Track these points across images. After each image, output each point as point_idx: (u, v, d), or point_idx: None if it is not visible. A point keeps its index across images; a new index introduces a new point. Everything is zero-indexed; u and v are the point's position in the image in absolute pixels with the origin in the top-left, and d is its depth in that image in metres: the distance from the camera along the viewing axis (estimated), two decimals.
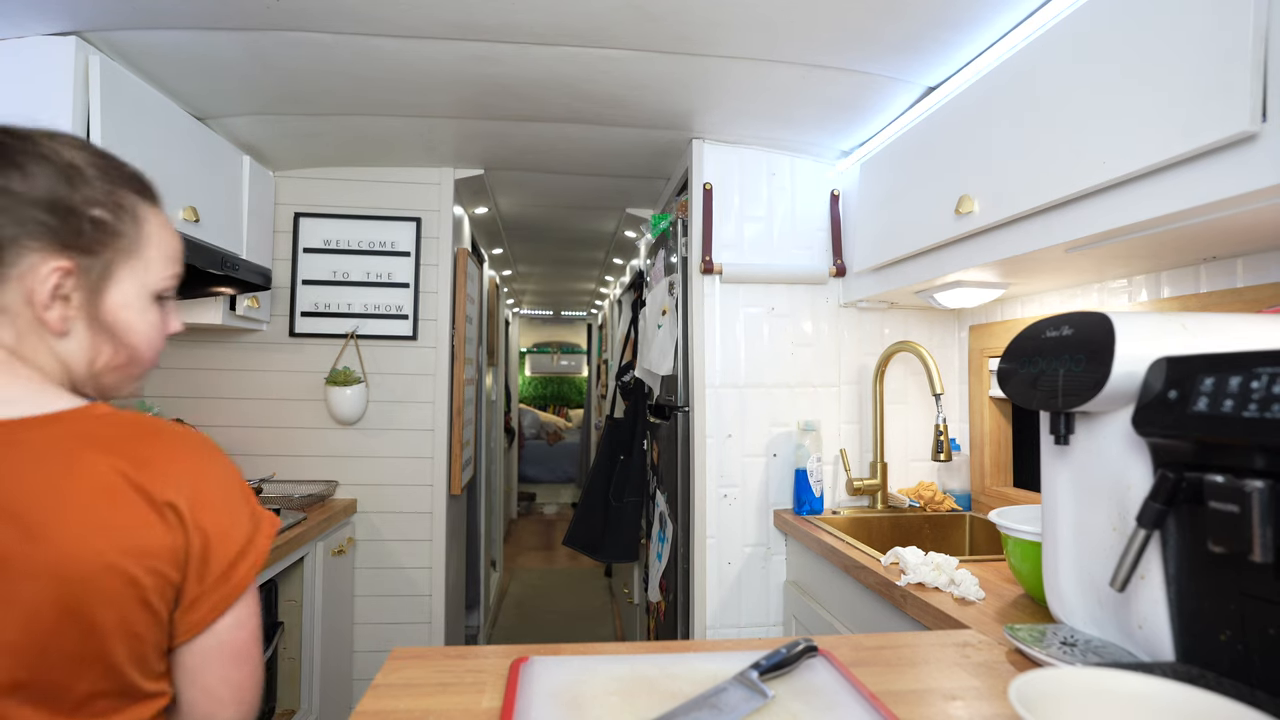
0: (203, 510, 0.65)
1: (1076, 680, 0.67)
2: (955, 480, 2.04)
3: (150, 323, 0.73)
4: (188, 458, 0.66)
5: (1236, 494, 0.65)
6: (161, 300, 0.74)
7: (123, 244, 0.70)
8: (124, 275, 0.70)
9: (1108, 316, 0.84)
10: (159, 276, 0.73)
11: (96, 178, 0.68)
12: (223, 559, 0.66)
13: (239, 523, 0.68)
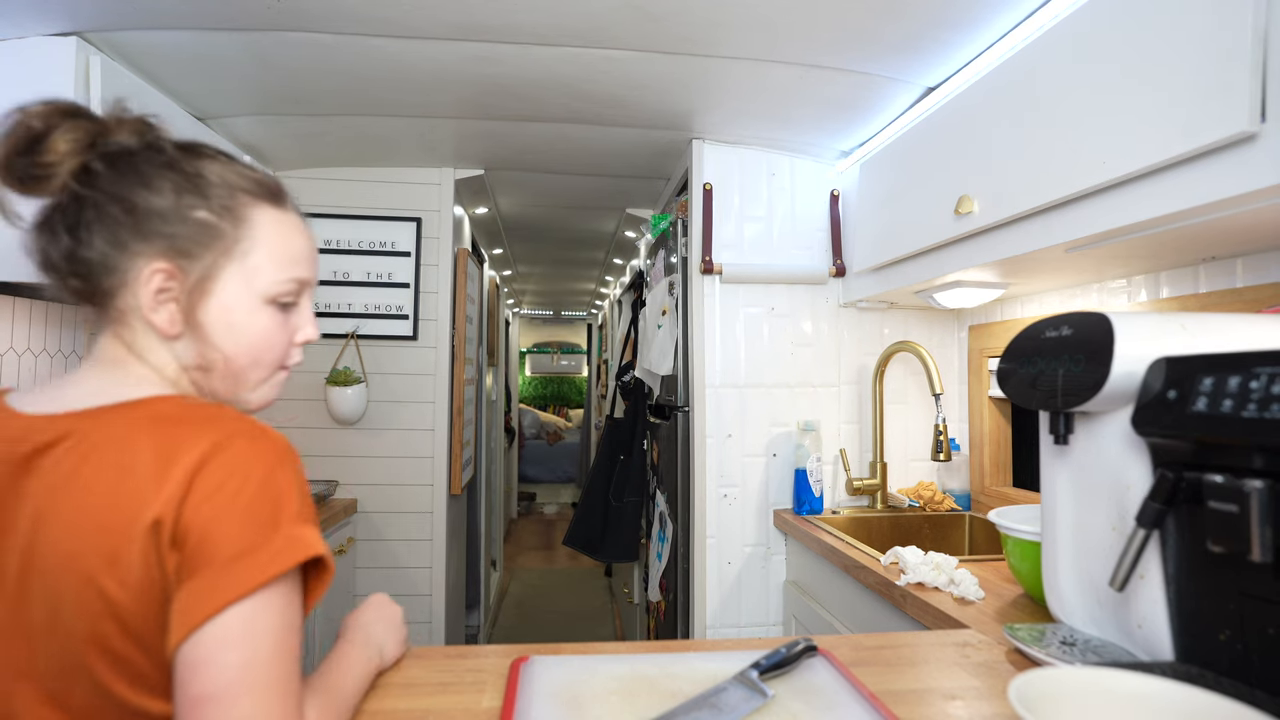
0: (202, 508, 0.57)
1: (1076, 680, 0.67)
2: (955, 480, 2.04)
3: (260, 327, 0.70)
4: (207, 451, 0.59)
5: (1236, 494, 0.65)
6: (283, 306, 0.72)
7: (225, 246, 0.68)
8: (228, 278, 0.68)
9: (1107, 316, 0.84)
10: (271, 280, 0.70)
11: (213, 184, 0.69)
12: (216, 560, 0.56)
13: (247, 528, 0.58)
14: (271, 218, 0.72)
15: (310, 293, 0.76)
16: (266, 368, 0.73)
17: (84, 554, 0.57)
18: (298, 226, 0.74)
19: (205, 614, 0.55)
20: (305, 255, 0.74)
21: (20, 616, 0.58)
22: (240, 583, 0.56)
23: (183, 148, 0.70)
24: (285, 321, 0.73)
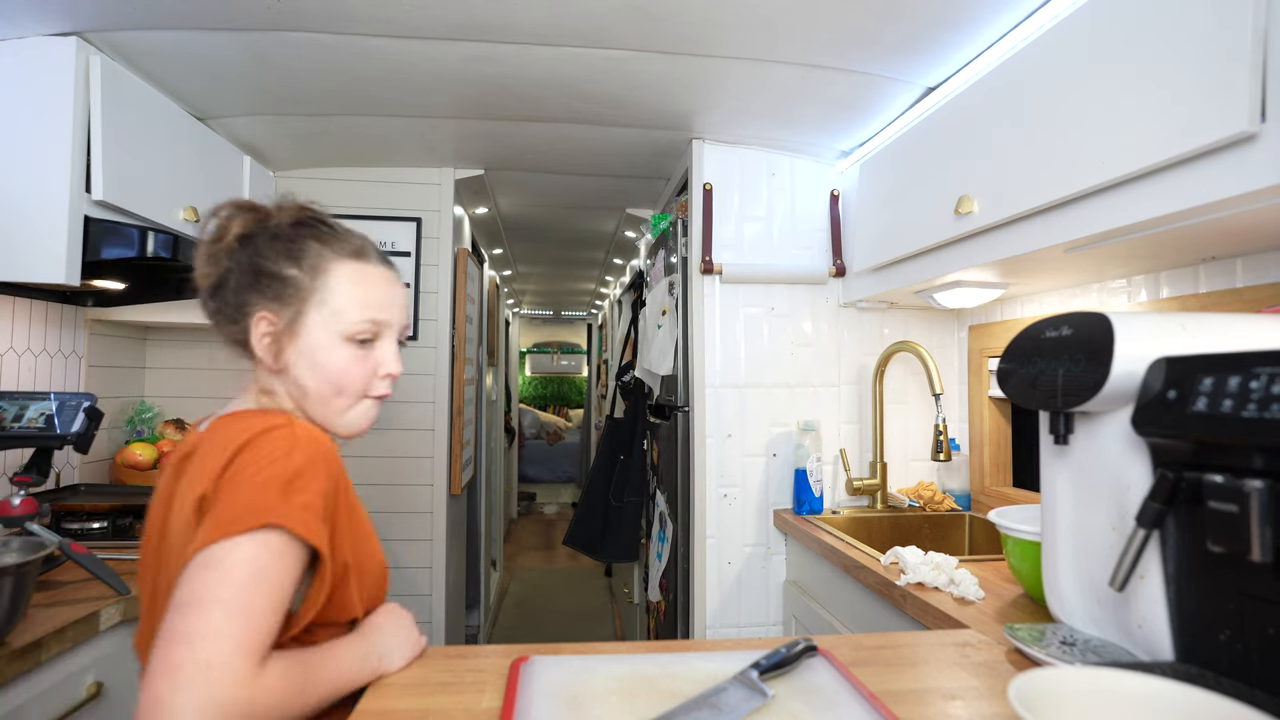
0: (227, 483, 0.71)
1: (1076, 680, 0.67)
2: (955, 480, 2.04)
3: (338, 361, 0.83)
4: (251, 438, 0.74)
5: (1236, 494, 0.65)
6: (361, 343, 0.84)
7: (306, 296, 0.83)
8: (312, 321, 0.83)
9: (1107, 317, 0.84)
10: (349, 322, 0.83)
11: (306, 248, 0.85)
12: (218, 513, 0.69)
13: (251, 496, 0.70)
14: (349, 271, 0.86)
15: (392, 333, 0.88)
16: (350, 396, 0.85)
17: (182, 529, 0.73)
18: (378, 276, 0.88)
19: (197, 547, 0.68)
20: (381, 301, 0.86)
21: (160, 560, 0.79)
22: (228, 526, 0.68)
23: (296, 223, 0.87)
24: (365, 356, 0.85)
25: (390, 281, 0.89)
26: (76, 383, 1.97)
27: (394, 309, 0.87)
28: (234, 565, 0.67)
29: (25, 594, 1.02)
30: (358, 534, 0.83)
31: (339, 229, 0.90)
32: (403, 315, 0.89)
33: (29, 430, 1.46)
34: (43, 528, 1.30)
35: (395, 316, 0.88)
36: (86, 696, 1.14)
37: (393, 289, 0.89)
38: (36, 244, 1.44)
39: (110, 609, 1.20)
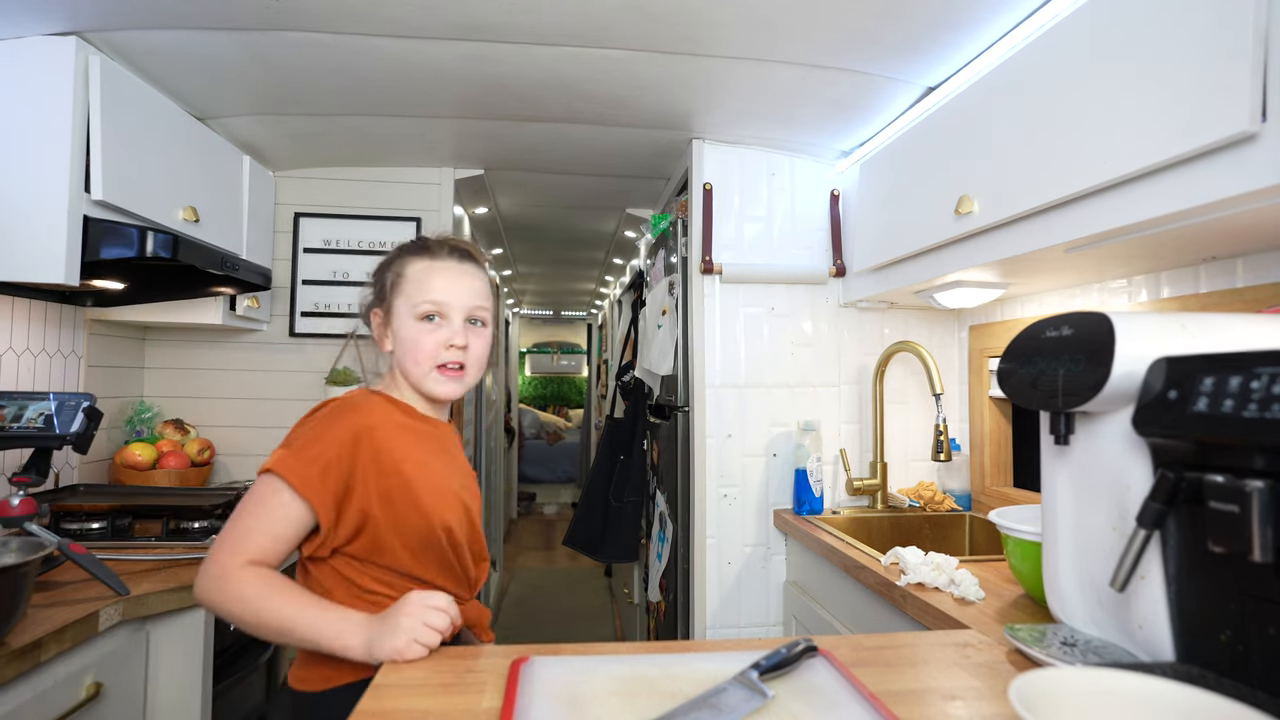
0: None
1: (1076, 680, 0.67)
2: (955, 480, 2.04)
3: (411, 335, 1.03)
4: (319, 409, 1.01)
5: (1236, 494, 0.65)
6: (429, 318, 1.03)
7: (396, 288, 1.05)
8: (398, 307, 1.04)
9: (1108, 316, 0.84)
10: (415, 303, 1.03)
11: (398, 256, 1.08)
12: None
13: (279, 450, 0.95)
14: (420, 266, 1.06)
15: (456, 312, 1.04)
16: (424, 364, 1.03)
17: None
18: (443, 268, 1.05)
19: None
20: (444, 286, 1.04)
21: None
22: (262, 466, 0.94)
23: (400, 246, 1.10)
24: (433, 330, 1.03)
25: (454, 271, 1.06)
26: (76, 383, 1.97)
27: (455, 292, 1.04)
28: (249, 494, 0.94)
29: (24, 594, 1.02)
30: (393, 494, 0.96)
31: (431, 238, 1.10)
32: (468, 298, 1.05)
33: (28, 430, 1.46)
34: (42, 528, 1.30)
35: (456, 298, 1.04)
36: (86, 697, 1.14)
37: (456, 277, 1.05)
38: (36, 244, 1.44)
39: (109, 609, 1.20)
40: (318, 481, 0.92)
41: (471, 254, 1.09)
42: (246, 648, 1.68)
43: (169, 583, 1.34)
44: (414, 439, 1.02)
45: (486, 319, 1.08)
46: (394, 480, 0.96)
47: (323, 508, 0.92)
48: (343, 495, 0.94)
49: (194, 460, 2.16)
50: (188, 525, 1.66)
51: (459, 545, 1.02)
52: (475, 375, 1.07)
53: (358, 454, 0.95)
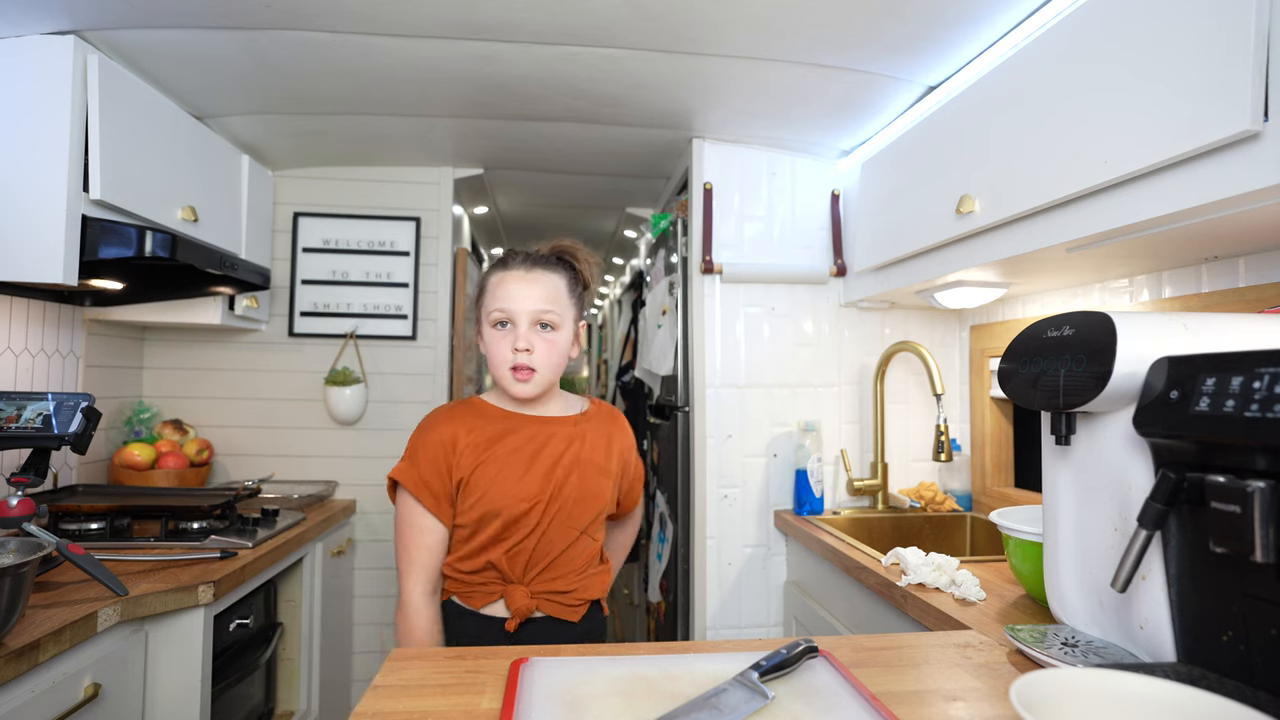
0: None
1: (1078, 681, 0.67)
2: (956, 480, 2.04)
3: (488, 340, 1.17)
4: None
5: (1238, 494, 0.65)
6: (502, 325, 1.16)
7: (481, 301, 1.20)
8: (483, 318, 1.18)
9: (1109, 316, 0.84)
10: (489, 311, 1.17)
11: (484, 273, 1.21)
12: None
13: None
14: (495, 279, 1.18)
15: (522, 318, 1.14)
16: (500, 366, 1.15)
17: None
18: (511, 278, 1.16)
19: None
20: (510, 294, 1.15)
21: None
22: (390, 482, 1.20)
23: (493, 263, 1.23)
24: (504, 337, 1.15)
25: (520, 280, 1.15)
26: (74, 383, 1.97)
27: (519, 300, 1.14)
28: (398, 511, 1.20)
29: (23, 595, 1.01)
30: (476, 481, 1.14)
31: (513, 251, 1.20)
32: (532, 304, 1.14)
33: (26, 430, 1.46)
34: (40, 528, 1.30)
35: (521, 305, 1.14)
36: (85, 698, 1.13)
37: (522, 286, 1.15)
38: (34, 243, 1.43)
39: (108, 610, 1.20)
40: (420, 485, 1.15)
41: (553, 259, 1.20)
42: (246, 647, 1.67)
43: (168, 583, 1.34)
44: (490, 435, 1.17)
45: (556, 322, 1.16)
46: (483, 472, 1.14)
47: (431, 506, 1.15)
48: (444, 495, 1.16)
49: (193, 460, 2.16)
50: (186, 526, 1.66)
51: (512, 528, 1.14)
52: (546, 374, 1.16)
53: (449, 455, 1.15)
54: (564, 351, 1.19)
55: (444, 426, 1.16)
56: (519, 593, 1.14)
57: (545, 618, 1.17)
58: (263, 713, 1.80)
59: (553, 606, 1.17)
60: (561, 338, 1.17)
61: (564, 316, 1.17)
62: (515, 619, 1.14)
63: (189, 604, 1.35)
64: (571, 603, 1.18)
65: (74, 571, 1.32)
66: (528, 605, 1.14)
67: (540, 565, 1.16)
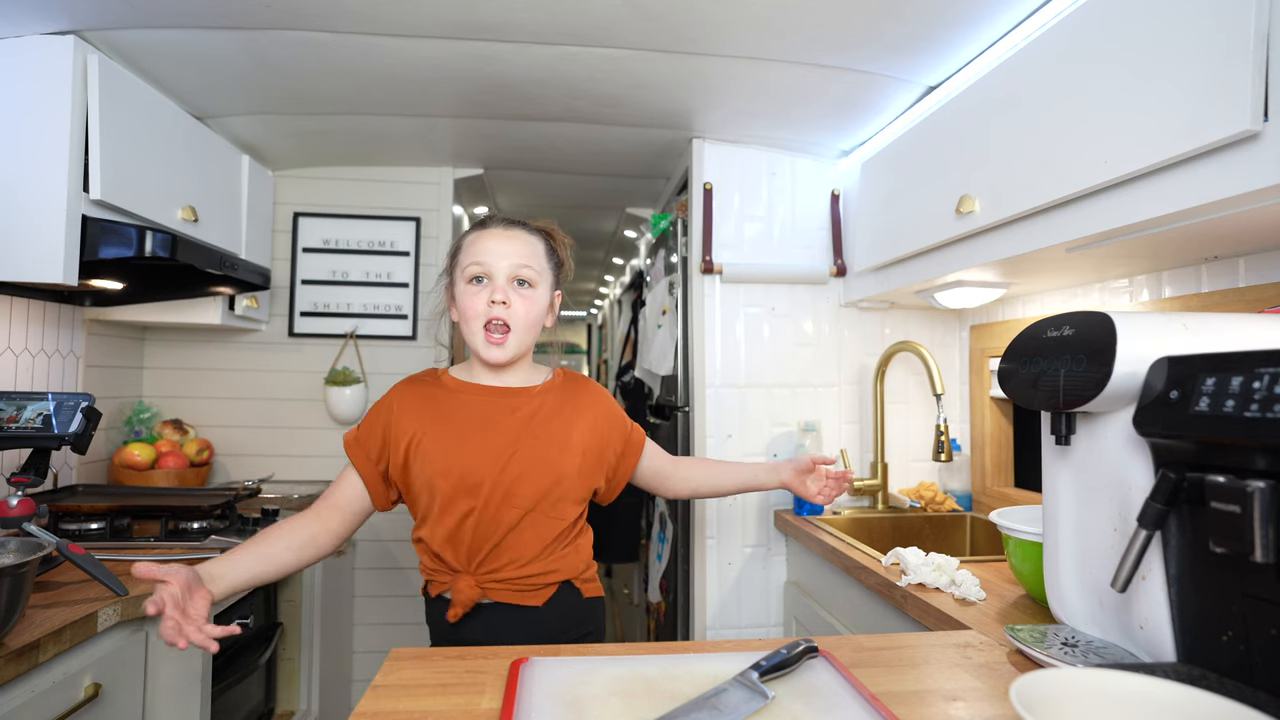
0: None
1: (1078, 681, 0.67)
2: (956, 480, 2.04)
3: (462, 295, 1.12)
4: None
5: (1238, 494, 0.65)
6: (477, 280, 1.11)
7: (455, 260, 1.16)
8: (457, 277, 1.14)
9: (1109, 316, 0.84)
10: (464, 266, 1.13)
11: (460, 237, 1.18)
12: None
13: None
14: (470, 237, 1.15)
15: (500, 273, 1.10)
16: (473, 324, 1.11)
17: None
18: (489, 235, 1.13)
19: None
20: (489, 249, 1.11)
21: None
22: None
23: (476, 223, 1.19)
24: (479, 292, 1.11)
25: (499, 236, 1.13)
26: (74, 383, 1.97)
27: (498, 252, 1.11)
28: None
29: (23, 595, 1.01)
30: (403, 456, 1.12)
31: (491, 215, 1.20)
32: (512, 258, 1.11)
33: (26, 430, 1.46)
34: (40, 528, 1.30)
35: (500, 258, 1.11)
36: (85, 698, 1.13)
37: (501, 241, 1.12)
38: (34, 243, 1.43)
39: (108, 610, 1.20)
40: (356, 449, 1.15)
41: (524, 222, 1.18)
42: (246, 647, 1.67)
43: None
44: (433, 407, 1.14)
45: (534, 280, 1.13)
46: (424, 441, 1.11)
47: (361, 464, 1.15)
48: (376, 458, 1.14)
49: (193, 460, 2.16)
50: (186, 525, 1.66)
51: (451, 504, 1.09)
52: (521, 337, 1.12)
53: (389, 424, 1.14)
54: (541, 313, 1.15)
55: (393, 392, 1.17)
56: (463, 582, 1.09)
57: (498, 604, 1.11)
58: (263, 713, 1.80)
59: (505, 593, 1.11)
60: (539, 297, 1.14)
61: (541, 277, 1.14)
62: (457, 608, 1.09)
63: None
64: (527, 587, 1.11)
65: (74, 571, 1.32)
66: (470, 595, 1.09)
67: (484, 549, 1.10)
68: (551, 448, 1.12)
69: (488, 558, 1.10)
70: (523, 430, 1.12)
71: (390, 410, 1.14)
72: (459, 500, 1.09)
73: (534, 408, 1.15)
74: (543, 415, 1.14)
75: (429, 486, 1.10)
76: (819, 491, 1.33)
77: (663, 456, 1.32)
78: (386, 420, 1.13)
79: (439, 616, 1.14)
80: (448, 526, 1.10)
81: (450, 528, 1.10)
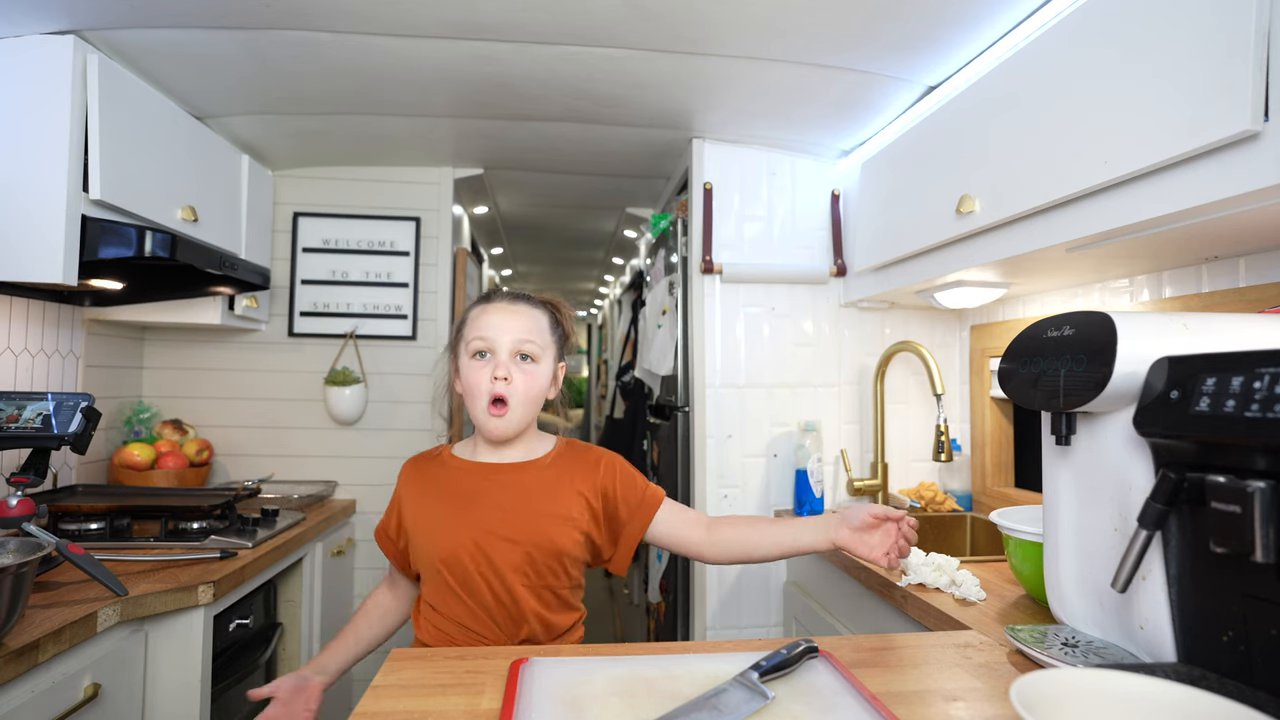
0: None
1: (1078, 681, 0.67)
2: (956, 480, 2.04)
3: (466, 370, 1.13)
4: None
5: (1238, 494, 0.65)
6: (481, 355, 1.12)
7: (460, 335, 1.16)
8: (461, 352, 1.15)
9: (1109, 316, 0.84)
10: (468, 341, 1.13)
11: (465, 311, 1.19)
12: None
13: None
14: (477, 310, 1.15)
15: (502, 348, 1.11)
16: (478, 400, 1.11)
17: None
18: (493, 310, 1.14)
19: None
20: (493, 324, 1.12)
21: None
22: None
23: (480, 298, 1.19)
24: (482, 367, 1.11)
25: (502, 312, 1.13)
26: (74, 383, 1.97)
27: (501, 328, 1.11)
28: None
29: (22, 595, 1.01)
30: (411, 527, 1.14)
31: (496, 289, 1.20)
32: (514, 333, 1.11)
33: (26, 430, 1.46)
34: (40, 528, 1.30)
35: (502, 334, 1.11)
36: (84, 698, 1.13)
37: (504, 316, 1.13)
38: (34, 243, 1.43)
39: (108, 610, 1.20)
40: (383, 525, 1.20)
41: (528, 296, 1.18)
42: (246, 648, 1.67)
43: (167, 583, 1.34)
44: (430, 485, 1.16)
45: (536, 354, 1.12)
46: (418, 516, 1.14)
47: (386, 541, 1.20)
48: (395, 537, 1.18)
49: (192, 460, 2.16)
50: (186, 526, 1.66)
51: (464, 579, 1.08)
52: (522, 412, 1.11)
53: (401, 500, 1.18)
54: (543, 387, 1.14)
55: (401, 473, 1.21)
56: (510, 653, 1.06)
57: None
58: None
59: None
60: (541, 371, 1.13)
61: (544, 351, 1.13)
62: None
63: (189, 604, 1.35)
64: (564, 641, 1.11)
65: (74, 571, 1.32)
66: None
67: (501, 621, 1.07)
68: (543, 519, 1.09)
69: (514, 630, 1.08)
70: (515, 503, 1.10)
71: (398, 492, 1.18)
72: (451, 574, 1.07)
73: (530, 481, 1.13)
74: (539, 488, 1.12)
75: (431, 571, 1.10)
76: (886, 552, 1.06)
77: (691, 521, 1.19)
78: (397, 502, 1.18)
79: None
80: (451, 601, 1.08)
81: (455, 602, 1.08)
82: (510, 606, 1.07)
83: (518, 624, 1.08)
